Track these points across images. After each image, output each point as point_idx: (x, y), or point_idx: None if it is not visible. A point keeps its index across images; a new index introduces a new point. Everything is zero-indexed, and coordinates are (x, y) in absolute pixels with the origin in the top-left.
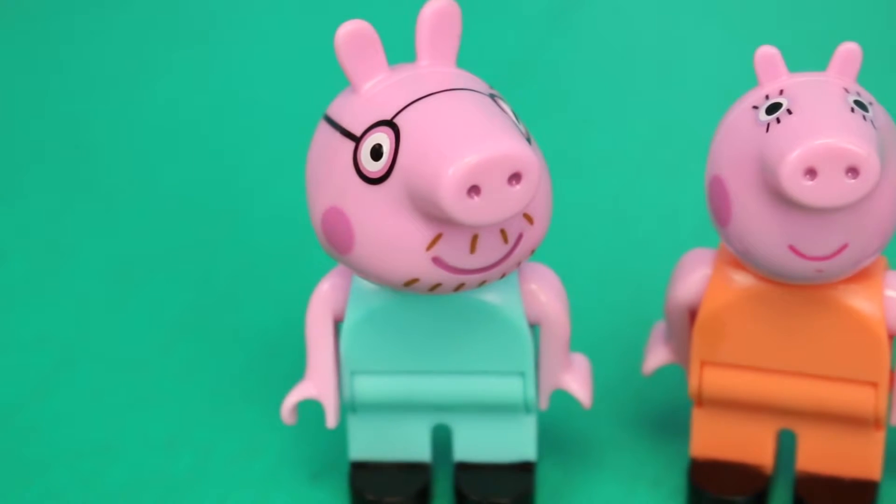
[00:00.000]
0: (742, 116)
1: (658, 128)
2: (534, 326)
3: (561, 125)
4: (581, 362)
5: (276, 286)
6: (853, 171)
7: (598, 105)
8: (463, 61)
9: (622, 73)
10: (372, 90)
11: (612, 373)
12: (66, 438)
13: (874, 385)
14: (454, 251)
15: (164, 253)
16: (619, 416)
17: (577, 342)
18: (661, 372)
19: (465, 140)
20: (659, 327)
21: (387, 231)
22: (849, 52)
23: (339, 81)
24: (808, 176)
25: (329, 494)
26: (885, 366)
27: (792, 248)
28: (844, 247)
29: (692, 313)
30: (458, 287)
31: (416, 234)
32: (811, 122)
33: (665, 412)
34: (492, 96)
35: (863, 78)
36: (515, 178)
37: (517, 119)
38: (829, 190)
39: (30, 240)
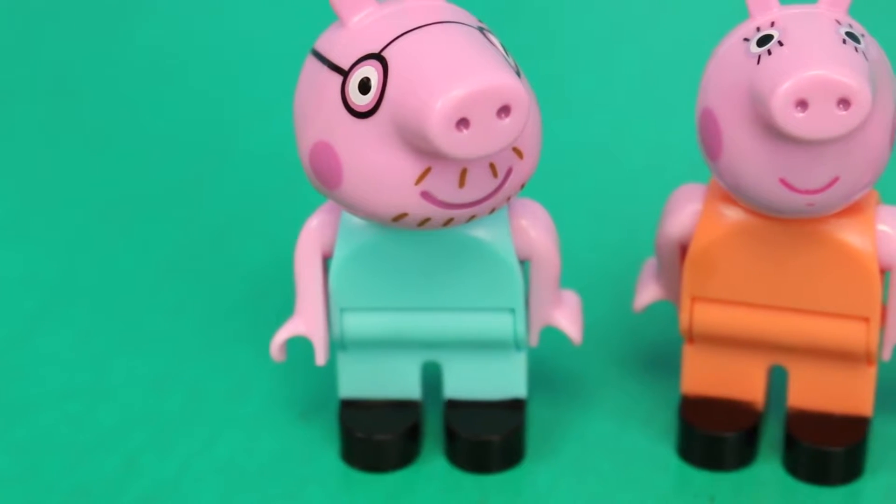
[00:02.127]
0: (733, 49)
1: (649, 64)
2: (524, 262)
3: (552, 62)
4: (571, 299)
5: (266, 224)
6: (844, 102)
7: (589, 42)
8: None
9: (613, 9)
10: (360, 24)
11: (604, 310)
12: (55, 379)
13: (866, 320)
14: (443, 185)
15: (151, 193)
16: (611, 353)
17: (569, 279)
18: (652, 309)
19: (454, 73)
20: (650, 264)
21: (375, 165)
22: None
23: (329, 16)
24: (799, 108)
25: (319, 433)
26: (877, 300)
27: (783, 182)
28: (835, 180)
29: (683, 249)
30: (448, 222)
31: (404, 168)
32: (802, 54)
33: (656, 349)
34: (481, 29)
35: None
36: (504, 110)
37: (507, 52)
38: (820, 122)
39: (16, 180)
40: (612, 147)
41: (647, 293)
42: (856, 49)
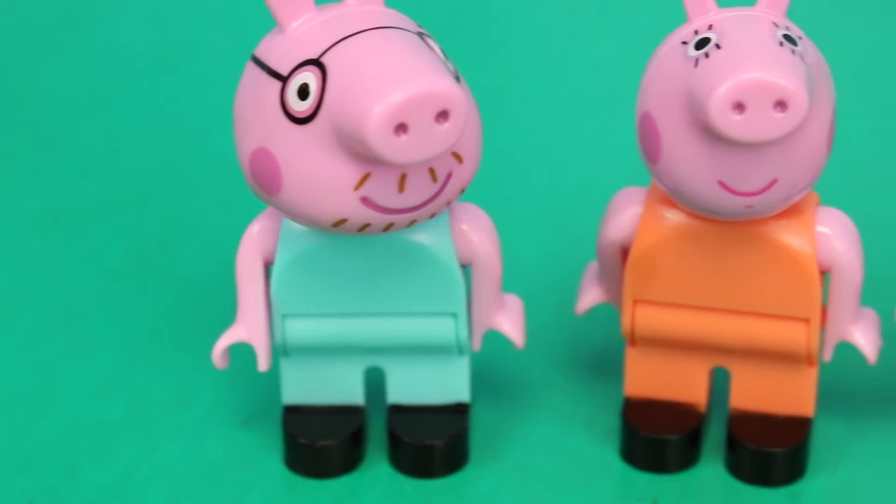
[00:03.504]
0: (671, 52)
1: (593, 69)
2: (465, 267)
3: (498, 67)
4: (514, 303)
5: (209, 231)
6: (781, 105)
7: (535, 47)
8: (401, 3)
9: (558, 15)
10: (299, 29)
11: (547, 314)
12: None
13: (806, 321)
14: (383, 190)
15: (94, 200)
16: (554, 356)
17: (512, 283)
18: (596, 312)
19: (392, 78)
20: (592, 267)
21: (314, 171)
22: None
23: (271, 23)
24: (736, 110)
25: (262, 439)
26: (817, 301)
27: (722, 184)
28: (774, 182)
29: (624, 252)
30: (388, 227)
31: (343, 173)
32: (739, 57)
33: (600, 352)
34: (420, 34)
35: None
36: (443, 115)
37: (446, 57)
38: (757, 124)
39: None
40: (557, 151)
41: (589, 296)
42: (793, 51)
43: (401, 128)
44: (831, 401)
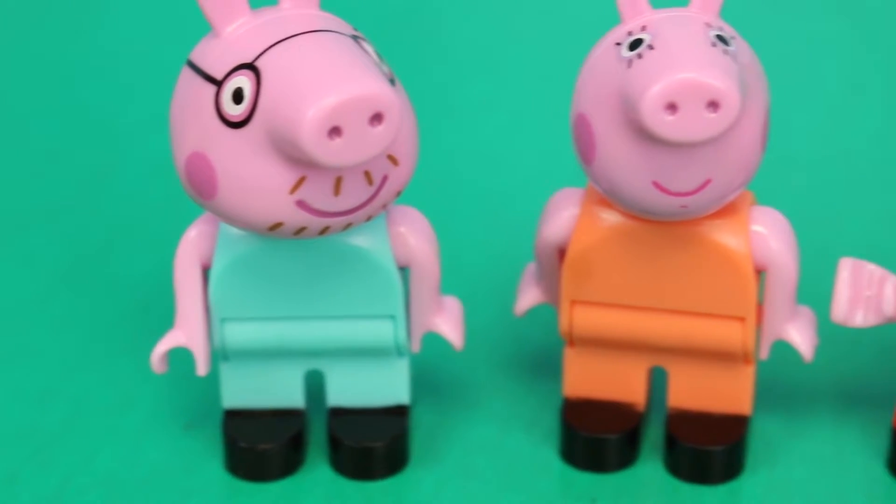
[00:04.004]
0: (605, 53)
1: (533, 71)
2: (403, 269)
3: (438, 69)
4: (452, 304)
5: (149, 236)
6: (713, 105)
7: (474, 49)
8: (342, 6)
9: (498, 17)
10: (233, 34)
11: (488, 315)
12: None
13: (742, 320)
14: (318, 194)
15: (36, 205)
16: (495, 358)
17: (455, 285)
18: (538, 312)
19: (325, 81)
20: (530, 268)
21: (250, 175)
22: None
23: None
24: (668, 111)
25: (203, 444)
26: (752, 300)
27: (656, 185)
28: (708, 182)
29: (561, 253)
30: (324, 230)
31: (279, 177)
32: (672, 57)
33: (541, 352)
34: (354, 38)
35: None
36: (376, 118)
37: (381, 60)
38: (690, 124)
39: None
40: (497, 153)
41: (528, 297)
42: (725, 52)
43: (335, 131)
44: (769, 399)
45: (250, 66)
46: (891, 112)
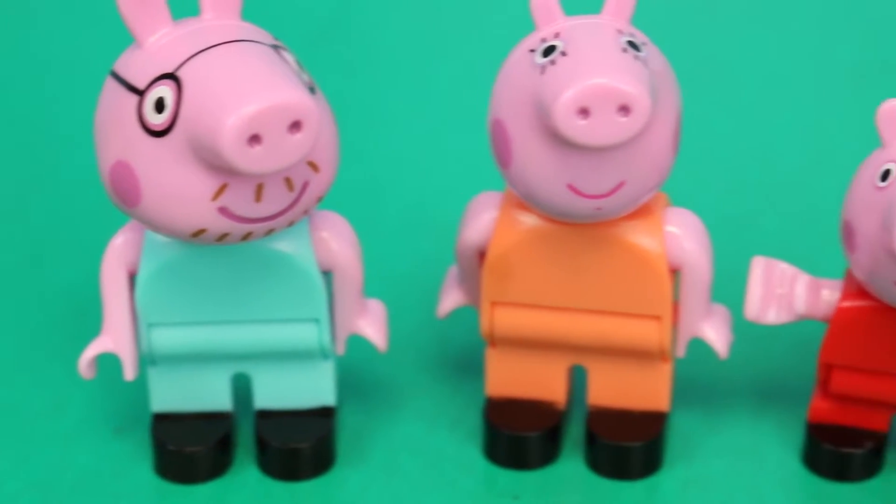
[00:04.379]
0: (520, 60)
1: (456, 78)
2: (327, 273)
3: (365, 76)
4: (376, 307)
5: (81, 244)
6: (624, 109)
7: (398, 57)
8: (266, 16)
9: (421, 27)
10: (155, 44)
11: (414, 318)
12: None
13: (658, 318)
14: (240, 200)
15: None
16: (421, 359)
17: (380, 289)
18: (461, 315)
19: (244, 90)
20: (452, 271)
21: (172, 183)
22: None
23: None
24: (580, 115)
25: (132, 447)
26: (668, 299)
27: (571, 188)
28: (621, 184)
29: (482, 256)
30: (246, 236)
31: (201, 184)
32: (583, 64)
33: (464, 354)
34: (274, 47)
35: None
36: (295, 126)
37: (301, 69)
38: (601, 129)
39: None
40: (420, 159)
41: (450, 299)
42: (636, 57)
43: (254, 139)
44: (687, 395)
45: (172, 76)
46: (803, 113)
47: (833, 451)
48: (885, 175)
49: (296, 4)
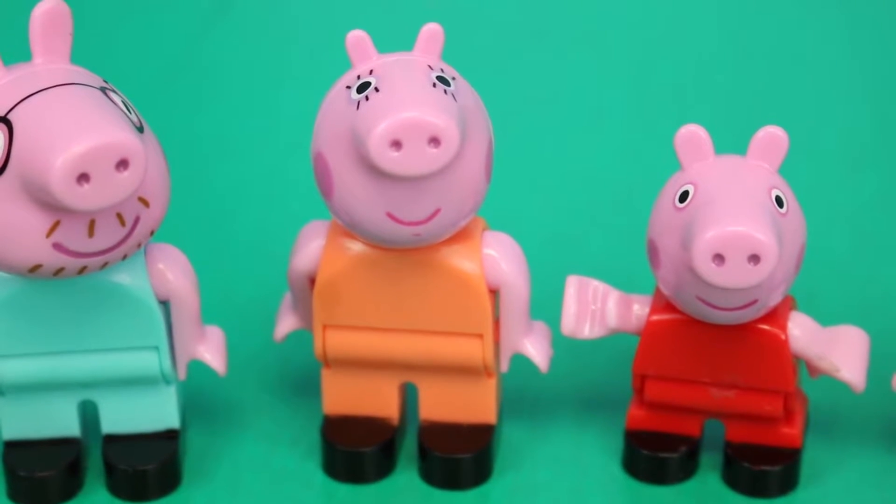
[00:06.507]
0: (338, 96)
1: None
2: (165, 303)
3: (205, 111)
4: (214, 333)
5: None
6: (435, 140)
7: (235, 93)
8: (101, 56)
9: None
10: None
11: (256, 341)
12: None
13: (480, 336)
14: (73, 236)
15: None
16: (263, 380)
17: (223, 316)
18: (300, 337)
19: (72, 131)
20: (287, 297)
21: (7, 221)
22: (432, 31)
23: None
24: (393, 147)
25: None
26: (489, 318)
27: (389, 215)
28: (437, 211)
29: (312, 281)
30: (82, 270)
31: (34, 222)
32: (395, 98)
33: (303, 374)
34: (103, 89)
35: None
36: (122, 164)
37: (129, 109)
38: (414, 159)
39: None
40: (260, 191)
41: (286, 323)
42: (446, 91)
43: (83, 177)
44: (514, 407)
45: (3, 119)
46: (620, 139)
47: (650, 455)
48: (684, 196)
49: (146, 41)
